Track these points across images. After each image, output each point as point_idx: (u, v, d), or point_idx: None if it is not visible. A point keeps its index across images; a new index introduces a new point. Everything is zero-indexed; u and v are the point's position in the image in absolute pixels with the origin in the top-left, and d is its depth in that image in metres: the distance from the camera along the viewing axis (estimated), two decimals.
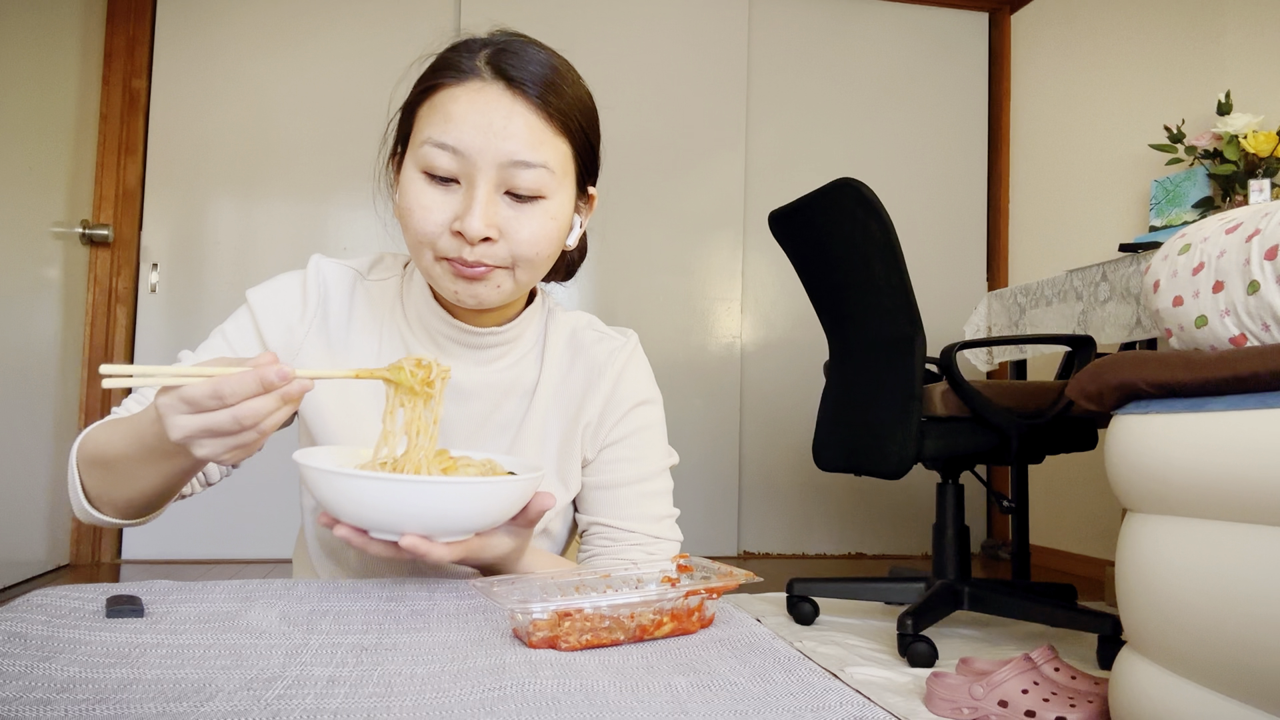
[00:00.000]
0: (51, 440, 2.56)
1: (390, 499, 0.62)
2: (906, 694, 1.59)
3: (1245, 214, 1.15)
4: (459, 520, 0.64)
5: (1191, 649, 1.08)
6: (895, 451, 1.80)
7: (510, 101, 0.73)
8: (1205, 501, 1.06)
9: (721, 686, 0.51)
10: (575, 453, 0.88)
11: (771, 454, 3.25)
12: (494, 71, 0.74)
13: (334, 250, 2.98)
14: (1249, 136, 2.21)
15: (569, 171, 0.78)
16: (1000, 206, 3.43)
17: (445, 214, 0.74)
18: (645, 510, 0.89)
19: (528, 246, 0.76)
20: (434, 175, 0.74)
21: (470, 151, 0.72)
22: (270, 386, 0.59)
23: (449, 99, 0.74)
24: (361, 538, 0.65)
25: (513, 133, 0.73)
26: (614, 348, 0.90)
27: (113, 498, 0.74)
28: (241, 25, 2.96)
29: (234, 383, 0.58)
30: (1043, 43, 3.29)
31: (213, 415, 0.59)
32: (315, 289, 0.87)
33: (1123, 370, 1.20)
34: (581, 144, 0.79)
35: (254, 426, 0.60)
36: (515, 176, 0.73)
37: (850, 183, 1.83)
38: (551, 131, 0.75)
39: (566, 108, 0.76)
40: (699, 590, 0.63)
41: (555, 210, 0.77)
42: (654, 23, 3.21)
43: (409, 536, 0.63)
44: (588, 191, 0.84)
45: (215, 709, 0.45)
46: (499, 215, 0.74)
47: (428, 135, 0.74)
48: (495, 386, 0.86)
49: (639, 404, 0.90)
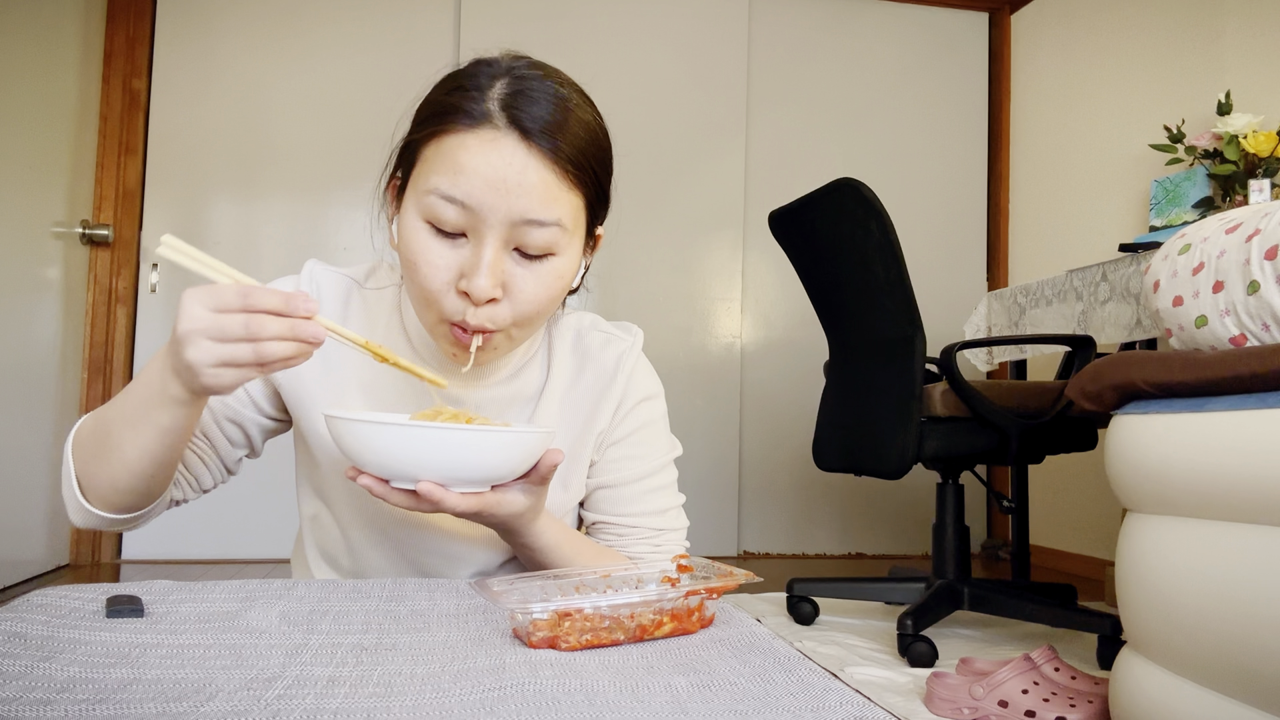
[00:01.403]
0: (51, 440, 2.56)
1: (408, 445, 0.64)
2: (906, 694, 1.59)
3: (1245, 214, 1.15)
4: (475, 469, 0.66)
5: (1191, 649, 1.08)
6: (895, 451, 1.80)
7: (525, 156, 0.69)
8: (1205, 501, 1.06)
9: (721, 686, 0.51)
10: (584, 456, 0.88)
11: (771, 454, 3.25)
12: (508, 120, 0.69)
13: (334, 250, 2.98)
14: (1249, 136, 2.21)
15: (580, 224, 0.75)
16: (1000, 206, 3.43)
17: (450, 271, 0.71)
18: (650, 505, 0.89)
19: (530, 305, 0.73)
20: (440, 229, 0.71)
21: (480, 208, 0.69)
22: (292, 311, 0.59)
23: (459, 146, 0.69)
24: (383, 486, 0.66)
25: (526, 189, 0.69)
26: (622, 350, 0.89)
27: (102, 481, 0.72)
28: (241, 25, 2.96)
29: (261, 292, 0.59)
30: (1043, 42, 3.29)
31: (226, 316, 0.59)
32: (311, 290, 0.86)
33: (1123, 370, 1.20)
34: (594, 193, 0.76)
35: (254, 339, 0.59)
36: (526, 235, 0.70)
37: (850, 183, 1.83)
38: (565, 186, 0.71)
39: (580, 157, 0.72)
40: (699, 590, 0.63)
41: (564, 269, 0.75)
42: (654, 22, 3.21)
43: (425, 483, 0.65)
44: (595, 233, 0.82)
45: (215, 709, 0.45)
46: (505, 272, 0.72)
47: (435, 185, 0.70)
48: (496, 400, 0.86)
49: (641, 400, 0.89)
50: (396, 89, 3.04)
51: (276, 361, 0.60)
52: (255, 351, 0.59)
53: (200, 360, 0.60)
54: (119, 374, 2.82)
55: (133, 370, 2.86)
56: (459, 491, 0.67)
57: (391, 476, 0.66)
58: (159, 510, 0.80)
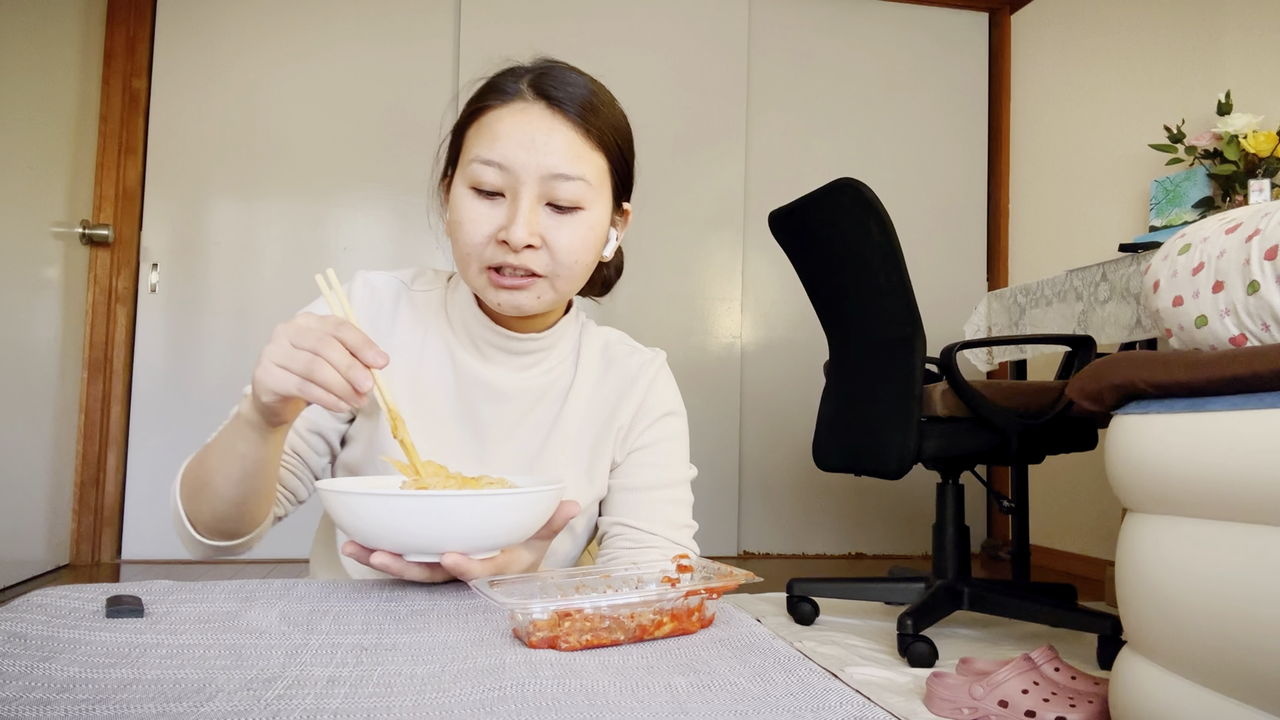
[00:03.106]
0: (51, 440, 2.56)
1: (434, 516, 0.62)
2: (906, 694, 1.59)
3: (1245, 214, 1.15)
4: (500, 534, 0.65)
5: (1191, 649, 1.08)
6: (895, 451, 1.80)
7: (551, 119, 0.79)
8: (1205, 501, 1.06)
9: (721, 686, 0.51)
10: (606, 454, 0.93)
11: (771, 454, 3.25)
12: (536, 93, 0.80)
13: (334, 250, 2.98)
14: (1249, 136, 2.21)
15: (605, 184, 0.85)
16: (1000, 206, 3.43)
17: (491, 225, 0.80)
18: (668, 516, 0.93)
19: (566, 253, 0.81)
20: (481, 190, 0.80)
21: (514, 166, 0.78)
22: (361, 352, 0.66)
23: (495, 119, 0.80)
24: (400, 563, 0.67)
25: (553, 148, 0.79)
26: (645, 360, 0.97)
27: (204, 514, 0.78)
28: (241, 25, 2.96)
29: (350, 326, 0.67)
30: (1043, 43, 3.29)
31: (309, 331, 0.66)
32: (370, 293, 0.93)
33: (1123, 370, 1.20)
34: (617, 160, 0.86)
35: (314, 351, 0.65)
36: (556, 188, 0.79)
37: (850, 183, 1.83)
38: (589, 147, 0.81)
39: (603, 126, 0.83)
40: (699, 590, 0.63)
41: (593, 221, 0.83)
42: (654, 23, 3.21)
43: (450, 555, 0.65)
44: (623, 207, 0.91)
45: (215, 709, 0.45)
46: (540, 224, 0.80)
47: (475, 154, 0.80)
48: (531, 390, 0.91)
49: (666, 414, 0.95)
50: (397, 89, 3.07)
51: (319, 385, 0.65)
52: (308, 365, 0.65)
53: (268, 354, 0.66)
54: (119, 374, 2.82)
55: (133, 370, 2.87)
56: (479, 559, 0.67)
57: (410, 551, 0.65)
58: (264, 532, 0.85)
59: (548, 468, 0.90)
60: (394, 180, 3.02)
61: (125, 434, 2.85)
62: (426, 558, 0.66)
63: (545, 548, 0.77)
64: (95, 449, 2.78)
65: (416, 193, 3.04)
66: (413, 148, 3.04)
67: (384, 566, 0.66)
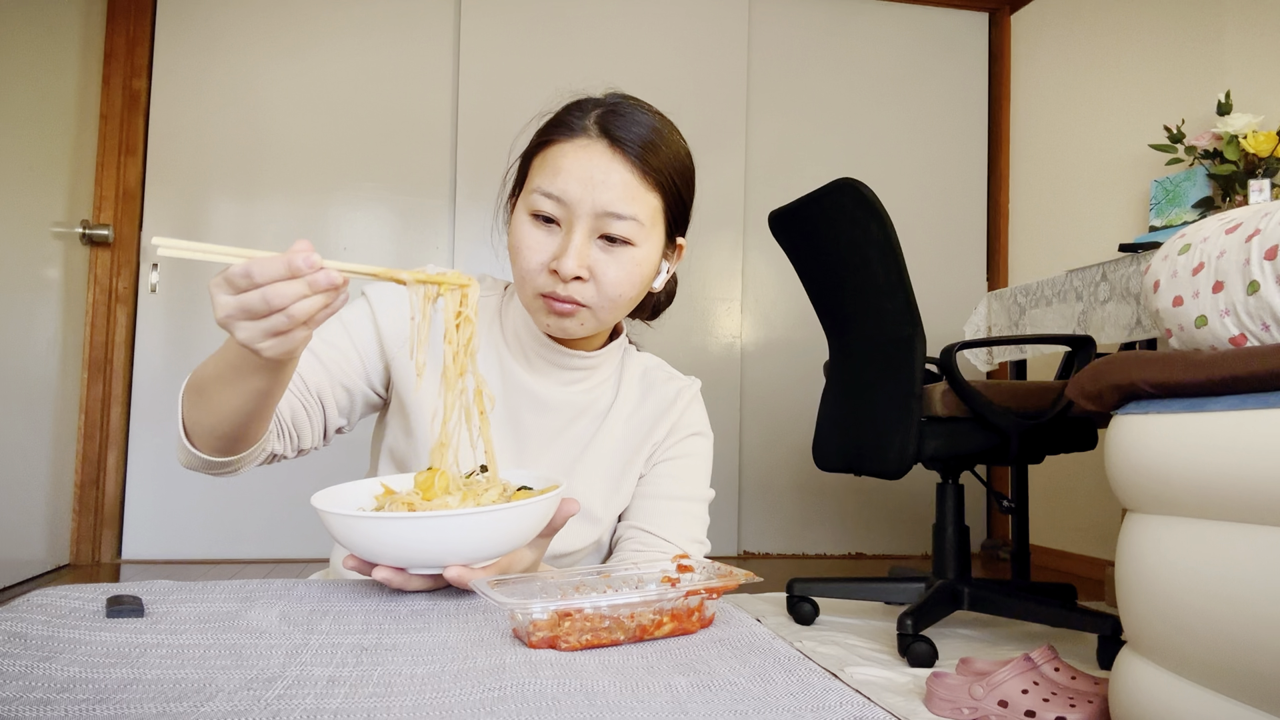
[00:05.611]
0: (51, 440, 2.56)
1: (433, 536, 0.63)
2: (906, 694, 1.59)
3: (1245, 214, 1.15)
4: (501, 545, 0.66)
5: (1191, 649, 1.08)
6: (895, 451, 1.80)
7: (610, 159, 0.84)
8: (1205, 501, 1.06)
9: (721, 686, 0.51)
10: (636, 467, 0.98)
11: (771, 454, 3.25)
12: (600, 130, 0.85)
13: (334, 250, 2.98)
14: (1249, 136, 2.21)
15: (658, 223, 0.89)
16: (1000, 206, 3.43)
17: (545, 253, 0.84)
18: (685, 528, 0.96)
19: (612, 287, 0.86)
20: (539, 217, 0.85)
21: (571, 200, 0.83)
22: (296, 272, 0.60)
23: (559, 154, 0.85)
24: (401, 576, 0.68)
25: (610, 185, 0.83)
26: (681, 386, 1.03)
27: (204, 428, 0.77)
28: (241, 25, 2.96)
29: (262, 264, 0.60)
30: (1043, 43, 3.29)
31: (246, 295, 0.61)
32: None
33: (1123, 370, 1.20)
34: (673, 200, 0.90)
35: (283, 310, 0.61)
36: (608, 225, 0.84)
37: (850, 183, 1.83)
38: (645, 188, 0.85)
39: (662, 165, 0.87)
40: (699, 590, 0.63)
41: (641, 257, 0.87)
42: (654, 23, 3.21)
43: (454, 568, 0.66)
44: (676, 241, 0.95)
45: (215, 709, 0.45)
46: (591, 257, 0.84)
47: (538, 184, 0.85)
48: (573, 405, 0.96)
49: (694, 434, 1.01)
50: (397, 88, 3.07)
51: (317, 314, 0.62)
52: (289, 317, 0.61)
53: (250, 339, 0.62)
54: (119, 374, 2.82)
55: (133, 370, 2.87)
56: (481, 566, 0.68)
57: (413, 565, 0.66)
58: (255, 458, 0.83)
59: (581, 481, 0.94)
60: (394, 179, 3.02)
61: (125, 434, 2.85)
62: (429, 570, 0.67)
63: (546, 545, 0.78)
64: (95, 449, 2.78)
65: (416, 192, 3.05)
66: (413, 147, 3.04)
67: (387, 580, 0.67)
